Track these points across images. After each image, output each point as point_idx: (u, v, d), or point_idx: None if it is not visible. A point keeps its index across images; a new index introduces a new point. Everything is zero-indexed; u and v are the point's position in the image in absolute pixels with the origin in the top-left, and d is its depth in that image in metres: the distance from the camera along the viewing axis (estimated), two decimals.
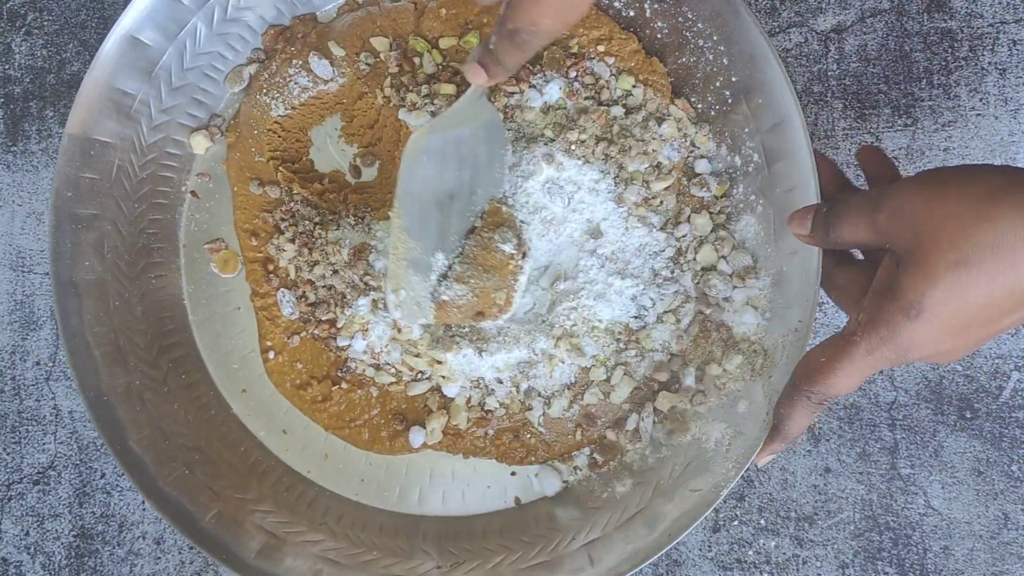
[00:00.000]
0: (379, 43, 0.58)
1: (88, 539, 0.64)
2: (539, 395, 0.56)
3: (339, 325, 0.57)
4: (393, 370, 0.57)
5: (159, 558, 0.63)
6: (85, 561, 0.64)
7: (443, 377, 0.56)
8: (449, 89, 0.56)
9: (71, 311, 0.53)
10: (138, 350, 0.56)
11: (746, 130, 0.53)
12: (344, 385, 0.57)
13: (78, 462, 0.64)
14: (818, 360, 0.42)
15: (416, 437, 0.56)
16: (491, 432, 0.56)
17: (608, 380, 0.55)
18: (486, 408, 0.56)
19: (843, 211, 0.43)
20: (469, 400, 0.56)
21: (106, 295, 0.55)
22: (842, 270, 0.47)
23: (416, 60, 0.58)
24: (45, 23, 0.67)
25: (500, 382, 0.56)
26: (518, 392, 0.56)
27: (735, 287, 0.53)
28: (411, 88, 0.57)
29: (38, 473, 0.65)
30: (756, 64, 0.51)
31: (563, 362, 0.55)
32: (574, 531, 0.53)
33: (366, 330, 0.56)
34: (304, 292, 0.58)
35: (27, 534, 0.65)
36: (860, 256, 0.50)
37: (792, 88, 0.50)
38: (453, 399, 0.56)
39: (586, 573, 0.51)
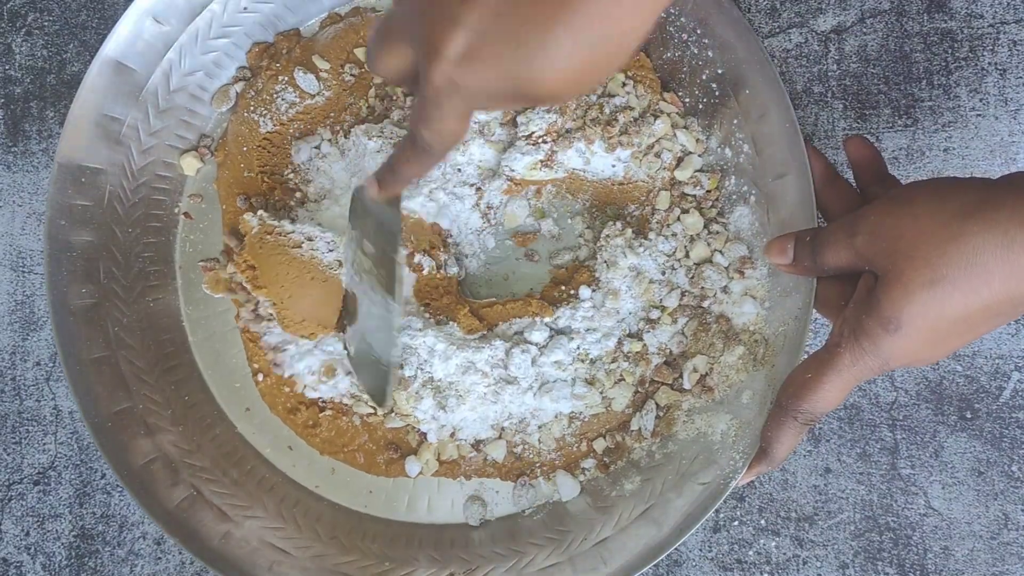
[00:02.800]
0: (363, 53, 0.58)
1: (88, 539, 0.64)
2: (530, 423, 0.56)
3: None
4: (366, 397, 0.57)
5: (159, 558, 0.63)
6: (85, 561, 0.64)
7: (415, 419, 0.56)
8: None
9: (70, 338, 0.53)
10: (140, 374, 0.56)
11: (735, 121, 0.53)
12: (328, 412, 0.57)
13: (78, 462, 0.64)
14: (803, 377, 0.43)
15: (412, 467, 0.56)
16: (489, 457, 0.56)
17: (605, 397, 0.55)
18: (476, 440, 0.56)
19: (825, 239, 0.44)
20: (454, 434, 0.56)
21: (105, 321, 0.55)
22: (824, 283, 0.48)
23: None
24: (45, 23, 0.67)
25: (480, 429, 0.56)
26: (507, 423, 0.56)
27: (732, 279, 0.53)
28: (398, 104, 0.57)
29: (38, 473, 0.65)
30: (741, 55, 0.52)
31: (546, 409, 0.55)
32: (585, 531, 0.53)
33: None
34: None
35: (27, 534, 0.65)
36: None
37: (778, 76, 0.50)
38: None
39: (599, 572, 0.51)
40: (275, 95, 0.58)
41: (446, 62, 0.33)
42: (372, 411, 0.56)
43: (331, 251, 0.54)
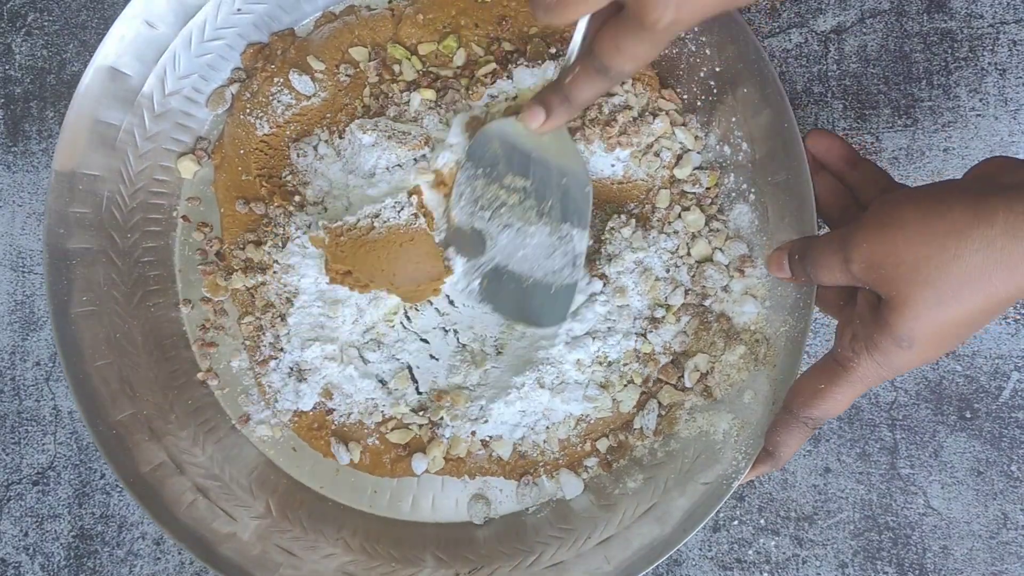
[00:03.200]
0: (358, 53, 0.58)
1: (87, 540, 0.64)
2: (540, 423, 0.56)
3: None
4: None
5: (159, 559, 0.63)
6: (84, 562, 0.64)
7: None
8: (429, 94, 0.56)
9: (73, 347, 0.53)
10: (142, 380, 0.56)
11: (733, 119, 0.53)
12: (333, 415, 0.57)
13: (78, 462, 0.64)
14: (815, 387, 0.44)
15: (419, 465, 0.56)
16: (495, 455, 0.56)
17: (615, 399, 0.55)
18: (488, 437, 0.56)
19: (817, 259, 0.45)
20: (475, 432, 0.56)
21: (106, 328, 0.55)
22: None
23: (396, 68, 0.58)
24: (45, 23, 0.67)
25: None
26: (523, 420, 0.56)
27: (732, 277, 0.53)
28: (394, 101, 0.57)
29: (37, 473, 0.65)
30: (739, 53, 0.52)
31: (557, 409, 0.55)
32: (588, 530, 0.53)
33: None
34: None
35: (26, 535, 0.64)
36: None
37: (776, 74, 0.50)
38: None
39: (602, 571, 0.51)
40: (271, 97, 0.57)
41: (673, 7, 0.37)
42: (383, 419, 0.57)
43: (402, 210, 0.53)
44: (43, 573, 0.64)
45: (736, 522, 0.60)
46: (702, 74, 0.54)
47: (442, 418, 0.55)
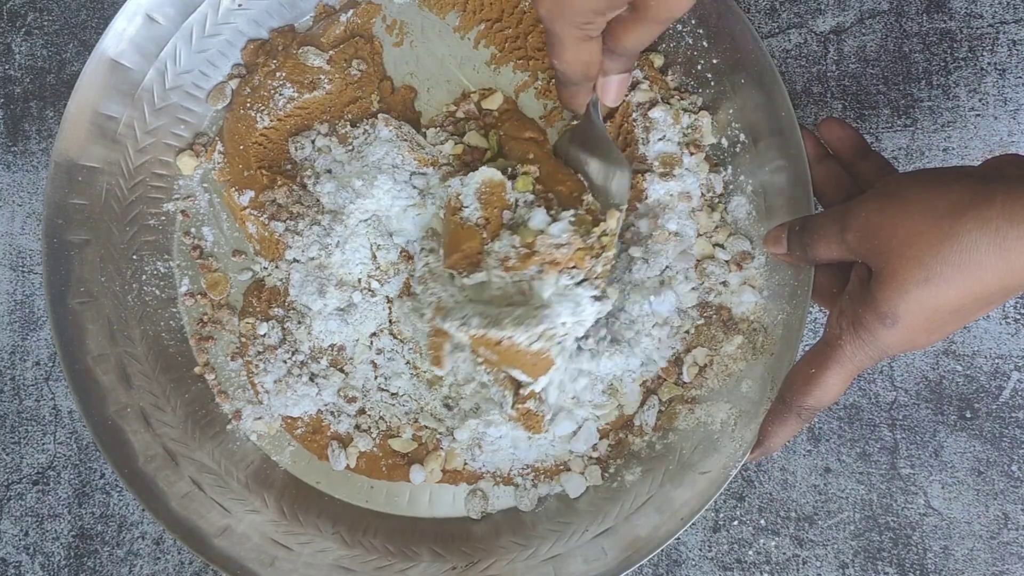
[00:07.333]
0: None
1: (87, 539, 0.64)
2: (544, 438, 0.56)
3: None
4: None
5: (159, 558, 0.63)
6: (84, 561, 0.64)
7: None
8: (458, 150, 0.56)
9: (69, 338, 0.53)
10: (139, 372, 0.56)
11: (731, 111, 0.53)
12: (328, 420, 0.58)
13: (77, 462, 0.64)
14: (806, 372, 0.44)
15: (417, 475, 0.56)
16: (494, 467, 0.56)
17: (620, 405, 0.55)
18: (487, 453, 0.56)
19: (815, 231, 0.45)
20: (481, 445, 0.56)
21: (104, 320, 0.55)
22: (818, 271, 0.49)
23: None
24: (45, 23, 0.67)
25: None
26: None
27: (731, 271, 0.53)
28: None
29: (37, 473, 0.65)
30: (736, 44, 0.52)
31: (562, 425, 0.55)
32: (586, 523, 0.53)
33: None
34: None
35: (26, 534, 0.64)
36: None
37: (773, 65, 0.50)
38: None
39: (600, 563, 0.51)
40: (273, 91, 0.57)
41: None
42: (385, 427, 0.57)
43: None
44: (43, 573, 0.64)
45: (736, 522, 0.60)
46: (699, 67, 0.54)
47: (442, 433, 0.56)
